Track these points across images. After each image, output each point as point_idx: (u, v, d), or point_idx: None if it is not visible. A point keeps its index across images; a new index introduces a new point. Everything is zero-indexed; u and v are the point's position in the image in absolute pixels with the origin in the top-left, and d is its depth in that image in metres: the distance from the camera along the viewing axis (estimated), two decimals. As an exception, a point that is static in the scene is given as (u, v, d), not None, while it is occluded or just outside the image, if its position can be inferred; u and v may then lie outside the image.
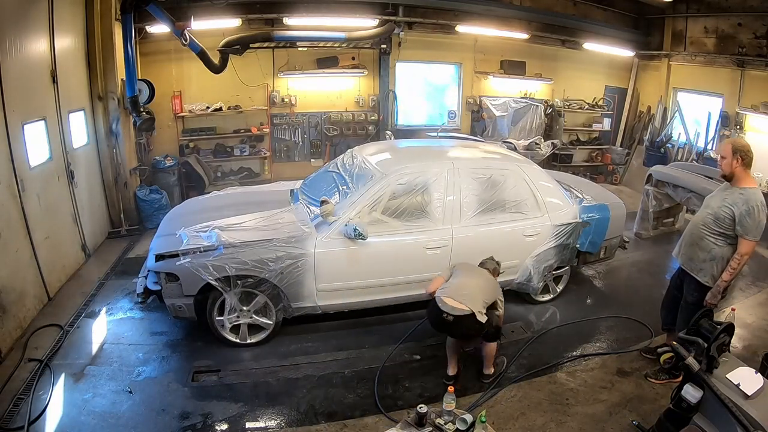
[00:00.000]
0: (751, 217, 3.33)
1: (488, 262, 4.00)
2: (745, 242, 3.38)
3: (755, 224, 3.33)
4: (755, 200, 3.34)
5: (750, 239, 3.37)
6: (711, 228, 3.52)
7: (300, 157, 8.84)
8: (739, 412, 2.47)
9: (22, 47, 4.54)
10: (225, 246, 3.96)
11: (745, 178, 3.44)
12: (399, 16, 8.28)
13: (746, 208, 3.33)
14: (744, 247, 3.40)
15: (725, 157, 3.44)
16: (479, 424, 2.64)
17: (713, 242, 3.52)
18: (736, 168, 3.41)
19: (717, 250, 3.50)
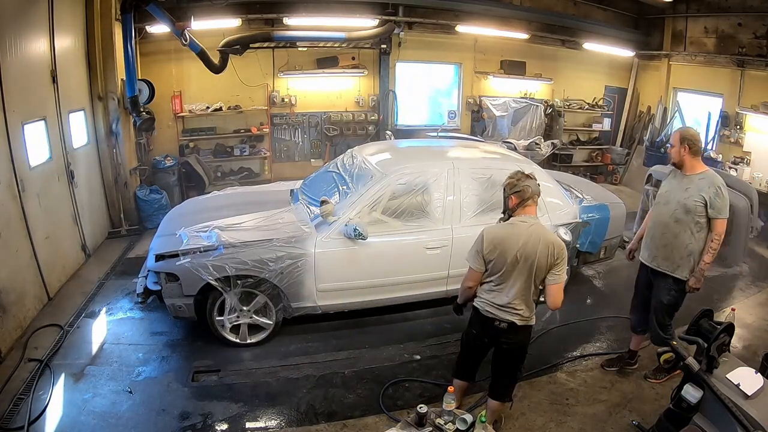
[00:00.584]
0: (720, 197, 3.42)
1: None
2: (720, 221, 3.45)
3: (724, 202, 3.43)
4: (718, 182, 3.46)
5: (723, 217, 3.45)
6: (684, 221, 3.51)
7: (300, 157, 8.84)
8: (739, 412, 2.47)
9: (22, 47, 4.54)
10: (225, 246, 3.96)
11: (696, 165, 3.52)
12: (399, 16, 8.28)
13: (714, 190, 3.41)
14: (719, 227, 3.46)
15: (674, 145, 3.54)
16: (479, 424, 2.63)
17: (690, 235, 3.51)
18: (684, 156, 3.49)
19: (694, 244, 3.51)
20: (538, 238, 2.82)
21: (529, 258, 2.82)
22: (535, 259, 2.81)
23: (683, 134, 3.52)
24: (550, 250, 2.82)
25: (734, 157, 7.96)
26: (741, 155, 7.89)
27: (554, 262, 2.83)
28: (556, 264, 2.83)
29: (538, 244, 2.81)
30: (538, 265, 2.82)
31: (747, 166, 7.70)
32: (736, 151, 8.01)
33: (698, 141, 3.51)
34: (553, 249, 2.82)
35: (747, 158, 7.79)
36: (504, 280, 2.90)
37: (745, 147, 7.89)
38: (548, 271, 2.85)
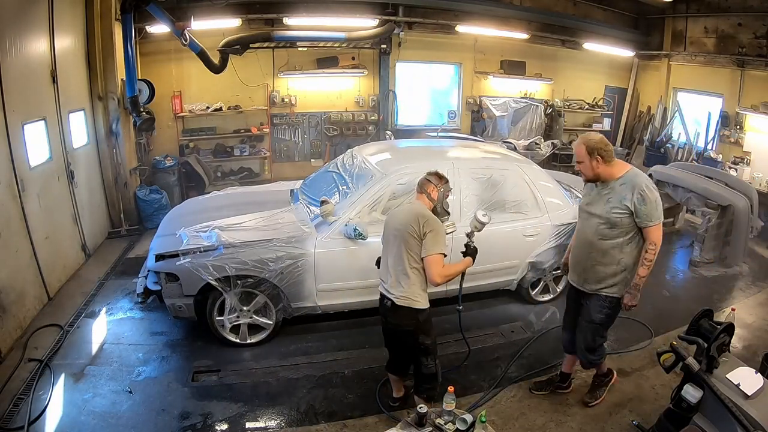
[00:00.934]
0: (647, 202, 2.96)
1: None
2: (653, 229, 3.00)
3: (653, 206, 2.97)
4: (641, 183, 2.99)
5: (655, 223, 3.01)
6: (611, 237, 3.09)
7: (300, 157, 8.85)
8: (739, 412, 2.47)
9: (22, 47, 4.54)
10: (225, 246, 3.96)
11: (613, 171, 3.05)
12: (399, 16, 8.29)
13: (638, 196, 2.96)
14: (653, 234, 3.01)
15: (581, 161, 3.06)
16: (479, 424, 2.63)
17: (619, 251, 3.10)
18: (599, 168, 3.03)
19: (626, 258, 3.11)
20: (408, 211, 2.97)
21: (399, 230, 2.93)
22: (403, 230, 2.90)
23: (589, 145, 3.01)
24: (414, 218, 2.87)
25: (734, 157, 7.97)
26: (741, 155, 7.90)
27: (422, 231, 2.85)
28: (425, 233, 2.84)
29: (407, 216, 2.93)
30: (405, 235, 2.88)
31: (747, 166, 7.71)
32: (736, 151, 8.02)
33: (607, 145, 3.04)
34: (417, 217, 2.87)
35: (747, 158, 7.80)
36: (385, 257, 3.07)
37: (745, 147, 7.90)
38: (420, 244, 2.86)
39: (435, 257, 2.85)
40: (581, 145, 3.04)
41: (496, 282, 4.79)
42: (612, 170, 3.05)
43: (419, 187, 3.14)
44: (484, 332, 4.56)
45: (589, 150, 3.00)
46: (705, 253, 6.13)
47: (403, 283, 2.94)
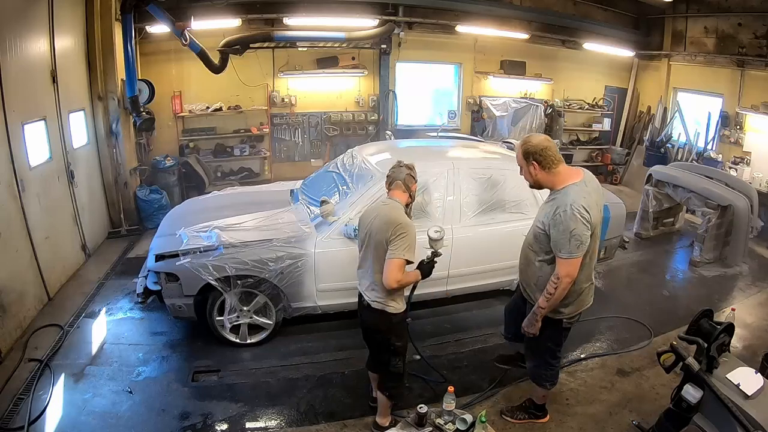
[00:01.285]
0: (558, 229, 2.58)
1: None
2: (560, 261, 2.61)
3: (564, 235, 2.56)
4: (563, 204, 2.58)
5: (563, 257, 2.59)
6: (533, 249, 2.85)
7: (300, 157, 8.84)
8: (739, 412, 2.47)
9: (22, 47, 4.54)
10: (225, 246, 3.96)
11: (556, 180, 2.70)
12: (399, 16, 8.29)
13: (553, 218, 2.61)
14: (560, 267, 2.62)
15: (520, 166, 2.79)
16: (479, 424, 2.63)
17: (537, 268, 2.83)
18: (538, 175, 2.71)
19: (543, 279, 2.79)
20: (383, 218, 2.89)
21: (372, 237, 2.90)
22: (376, 238, 2.87)
23: (526, 149, 2.70)
24: (387, 227, 2.83)
25: (734, 157, 7.96)
26: (741, 155, 7.90)
27: (389, 237, 2.80)
28: (391, 240, 2.79)
29: (381, 223, 2.87)
30: (377, 241, 2.86)
31: (747, 166, 7.70)
32: (736, 151, 8.02)
33: (547, 148, 2.66)
34: (390, 225, 2.82)
35: (747, 158, 7.79)
36: (363, 258, 3.03)
37: (745, 147, 7.90)
38: (387, 248, 2.83)
39: (396, 261, 2.78)
40: (519, 147, 2.78)
41: (496, 282, 4.79)
42: (553, 179, 2.70)
43: (401, 183, 3.05)
44: (484, 332, 4.57)
45: (525, 154, 2.71)
46: (705, 253, 6.13)
47: (377, 288, 2.93)
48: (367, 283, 3.00)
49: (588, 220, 2.57)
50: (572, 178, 2.70)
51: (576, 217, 2.55)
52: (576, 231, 2.55)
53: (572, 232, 2.55)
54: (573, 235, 2.56)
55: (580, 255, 2.60)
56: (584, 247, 2.59)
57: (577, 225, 2.55)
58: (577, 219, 2.55)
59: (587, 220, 2.57)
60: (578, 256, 2.60)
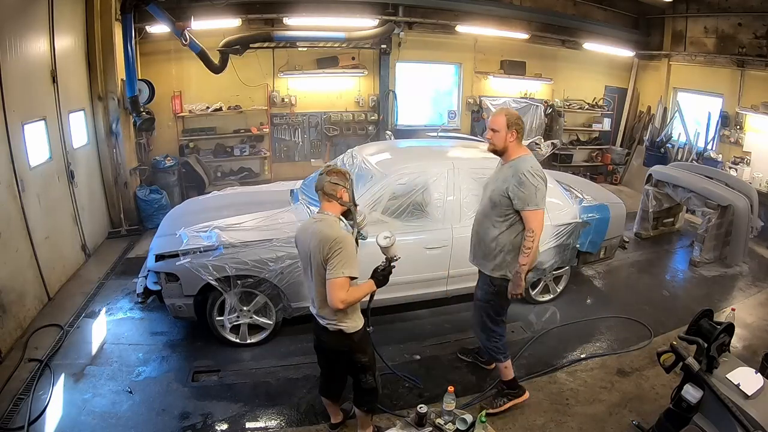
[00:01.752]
0: (524, 186, 3.00)
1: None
2: (530, 214, 3.03)
3: (531, 192, 3.00)
4: (524, 167, 3.05)
5: (532, 209, 3.02)
6: (490, 216, 3.20)
7: (300, 157, 8.84)
8: (739, 412, 2.47)
9: (22, 47, 4.54)
10: (225, 246, 3.96)
11: (516, 150, 3.15)
12: (399, 16, 8.28)
13: (516, 179, 3.03)
14: (530, 221, 3.03)
15: (497, 130, 3.11)
16: (479, 424, 2.63)
17: (497, 231, 3.18)
18: (511, 142, 3.13)
19: (504, 240, 3.17)
20: (312, 236, 2.66)
21: (308, 256, 2.69)
22: (311, 259, 2.67)
23: (510, 117, 3.11)
24: (321, 245, 2.59)
25: (734, 157, 7.96)
26: (741, 155, 7.89)
27: (326, 256, 2.58)
28: (328, 259, 2.57)
29: (312, 242, 2.65)
30: (316, 262, 2.64)
31: (747, 166, 7.70)
32: (736, 151, 8.02)
33: (523, 123, 3.18)
34: (323, 243, 2.58)
35: (747, 158, 7.79)
36: (306, 276, 2.83)
37: (745, 147, 7.90)
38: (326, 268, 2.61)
39: (336, 281, 2.56)
40: (502, 115, 3.14)
41: (496, 282, 4.79)
42: (517, 150, 3.15)
43: (323, 193, 2.74)
44: (484, 332, 4.56)
45: (509, 122, 3.10)
46: (705, 253, 6.13)
47: (326, 311, 2.75)
48: (317, 303, 2.80)
49: (545, 178, 3.10)
50: (525, 151, 3.20)
51: (537, 177, 3.05)
52: (539, 186, 3.03)
53: (536, 187, 3.02)
54: (538, 189, 3.02)
55: (543, 207, 3.06)
56: (545, 200, 3.07)
57: (538, 182, 3.04)
58: (537, 178, 3.05)
59: (544, 179, 3.11)
60: (542, 207, 3.05)
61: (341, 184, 2.75)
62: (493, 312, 3.40)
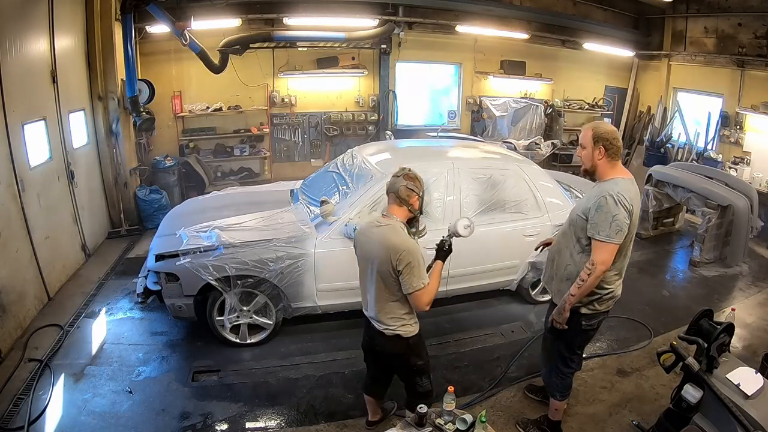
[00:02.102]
0: (601, 211, 2.62)
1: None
2: (596, 245, 2.65)
3: (606, 218, 2.61)
4: (609, 190, 2.64)
5: (601, 239, 2.62)
6: (567, 236, 2.88)
7: (300, 157, 8.84)
8: (739, 412, 2.47)
9: (22, 47, 4.54)
10: (225, 246, 3.96)
11: (608, 170, 2.74)
12: (399, 16, 8.29)
13: (596, 201, 2.66)
14: (596, 253, 2.65)
15: (584, 146, 2.77)
16: (479, 424, 2.63)
17: (569, 256, 2.85)
18: (599, 160, 2.72)
19: (572, 267, 2.82)
20: (379, 243, 2.61)
21: (373, 263, 2.65)
22: (377, 265, 2.62)
23: (597, 132, 2.72)
24: (388, 255, 2.56)
25: (734, 157, 7.97)
26: (741, 155, 7.90)
27: (396, 267, 2.55)
28: (401, 272, 2.55)
29: (379, 250, 2.60)
30: (383, 272, 2.61)
31: (747, 166, 7.71)
32: (736, 151, 8.02)
33: (616, 140, 2.71)
34: (392, 254, 2.54)
35: (747, 158, 7.79)
36: (363, 281, 2.81)
37: (745, 147, 7.90)
38: (398, 280, 2.60)
39: (418, 294, 2.58)
40: (589, 129, 2.78)
41: (496, 282, 4.79)
42: (609, 170, 2.74)
43: (397, 197, 2.70)
44: (484, 332, 4.56)
45: (595, 137, 2.72)
46: (705, 253, 6.13)
47: (388, 315, 2.73)
48: (375, 308, 2.75)
49: (630, 211, 2.65)
50: (623, 174, 2.77)
51: (620, 205, 2.62)
52: (618, 217, 2.61)
53: (615, 217, 2.61)
54: (615, 219, 2.61)
55: (616, 242, 2.64)
56: (622, 235, 2.63)
57: (620, 211, 2.61)
58: (620, 206, 2.61)
59: (630, 210, 2.65)
60: (615, 242, 2.63)
61: (416, 191, 2.73)
62: (564, 346, 3.02)
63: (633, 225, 2.71)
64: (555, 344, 3.06)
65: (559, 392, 3.17)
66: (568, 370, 3.10)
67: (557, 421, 3.28)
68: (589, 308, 2.85)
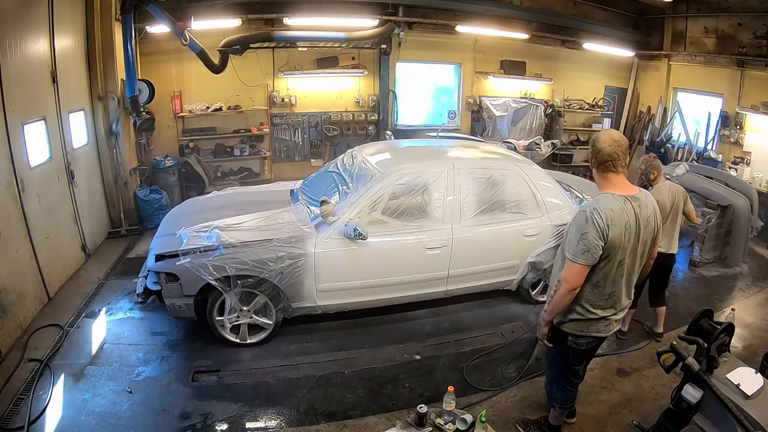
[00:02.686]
0: (573, 227, 2.53)
1: None
2: (566, 262, 2.55)
3: (575, 236, 2.49)
4: (588, 206, 2.51)
5: (569, 257, 2.51)
6: (560, 249, 2.79)
7: (300, 157, 8.84)
8: (739, 412, 2.47)
9: (22, 47, 4.54)
10: (225, 246, 3.96)
11: (603, 184, 2.61)
12: (399, 16, 8.28)
13: (575, 216, 2.57)
14: (564, 269, 2.56)
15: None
16: (479, 424, 2.63)
17: (558, 268, 2.78)
18: (595, 173, 2.65)
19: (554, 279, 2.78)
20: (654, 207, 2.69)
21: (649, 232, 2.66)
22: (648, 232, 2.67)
23: (591, 141, 2.65)
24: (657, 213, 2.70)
25: (734, 157, 7.97)
26: (741, 155, 7.90)
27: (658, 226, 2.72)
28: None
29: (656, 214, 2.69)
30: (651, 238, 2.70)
31: (747, 166, 7.71)
32: (736, 151, 8.02)
33: (601, 151, 2.53)
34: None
35: (747, 158, 7.79)
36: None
37: (745, 147, 7.90)
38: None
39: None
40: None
41: (495, 282, 4.79)
42: (600, 182, 2.62)
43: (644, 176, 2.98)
44: (484, 332, 4.56)
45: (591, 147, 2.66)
46: (705, 253, 6.13)
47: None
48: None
49: (603, 231, 2.44)
50: (615, 189, 2.55)
51: (591, 222, 2.45)
52: (587, 236, 2.45)
53: (583, 235, 2.46)
54: (583, 238, 2.46)
55: (582, 262, 2.48)
56: (589, 256, 2.46)
57: (589, 230, 2.45)
58: (590, 224, 2.45)
59: (602, 230, 2.44)
60: (581, 262, 2.48)
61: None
62: (561, 360, 2.96)
63: (613, 248, 2.49)
64: (554, 357, 2.99)
65: (558, 403, 3.14)
66: (564, 383, 3.03)
67: (557, 426, 3.26)
68: (569, 328, 2.74)
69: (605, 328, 2.75)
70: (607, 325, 2.75)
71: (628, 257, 2.57)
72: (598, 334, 2.76)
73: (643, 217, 2.56)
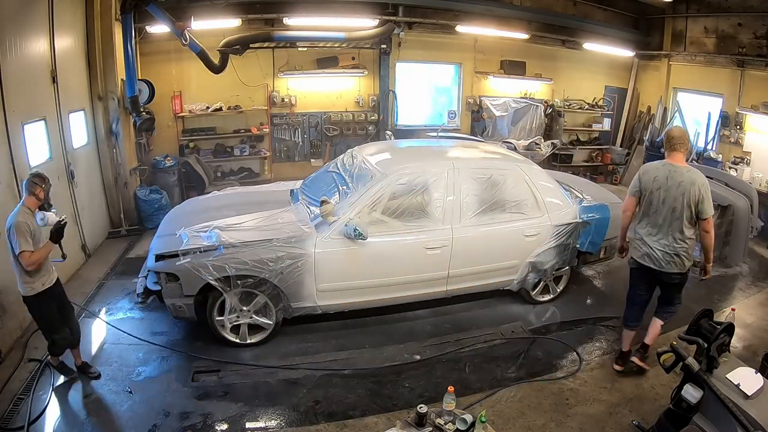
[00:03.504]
0: None
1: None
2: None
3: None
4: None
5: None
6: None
7: (300, 157, 8.85)
8: (739, 412, 2.47)
9: (22, 47, 4.54)
10: (225, 246, 3.96)
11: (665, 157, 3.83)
12: (399, 16, 8.29)
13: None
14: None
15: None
16: (479, 424, 2.63)
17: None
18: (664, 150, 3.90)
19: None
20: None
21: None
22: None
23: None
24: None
25: (734, 157, 7.97)
26: (741, 155, 7.90)
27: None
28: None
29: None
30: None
31: (747, 166, 7.71)
32: (736, 151, 8.02)
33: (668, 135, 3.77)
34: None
35: (747, 158, 7.80)
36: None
37: (745, 147, 7.90)
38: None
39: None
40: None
41: (496, 282, 4.79)
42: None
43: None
44: (484, 332, 4.56)
45: None
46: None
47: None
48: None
49: (639, 178, 3.79)
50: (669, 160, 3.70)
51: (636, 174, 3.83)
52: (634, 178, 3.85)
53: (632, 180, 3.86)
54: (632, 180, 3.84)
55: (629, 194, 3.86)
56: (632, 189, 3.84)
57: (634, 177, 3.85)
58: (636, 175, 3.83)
59: (639, 178, 3.79)
60: (629, 193, 3.86)
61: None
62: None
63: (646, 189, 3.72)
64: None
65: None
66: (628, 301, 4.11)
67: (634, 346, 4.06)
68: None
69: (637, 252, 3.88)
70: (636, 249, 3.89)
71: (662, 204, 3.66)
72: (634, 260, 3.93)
73: (673, 178, 3.60)
